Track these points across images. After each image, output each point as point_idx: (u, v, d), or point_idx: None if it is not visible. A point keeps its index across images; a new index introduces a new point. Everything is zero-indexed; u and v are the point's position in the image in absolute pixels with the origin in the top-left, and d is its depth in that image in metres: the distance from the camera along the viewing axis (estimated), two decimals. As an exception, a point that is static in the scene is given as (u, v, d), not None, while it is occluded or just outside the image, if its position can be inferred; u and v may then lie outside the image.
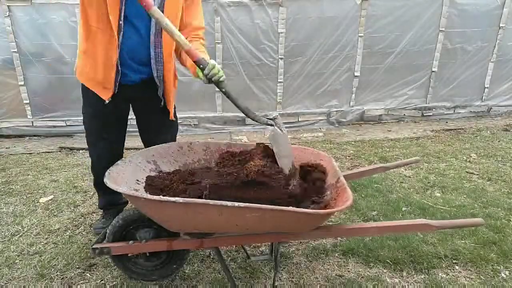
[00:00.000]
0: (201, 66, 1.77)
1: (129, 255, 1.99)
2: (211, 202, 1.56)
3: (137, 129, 2.44)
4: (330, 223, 2.67)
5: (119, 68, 2.02)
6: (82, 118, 2.32)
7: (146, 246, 1.91)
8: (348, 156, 4.19)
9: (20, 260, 2.30)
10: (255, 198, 1.70)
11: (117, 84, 2.06)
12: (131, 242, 1.92)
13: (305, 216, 1.57)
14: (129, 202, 2.61)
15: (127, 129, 2.42)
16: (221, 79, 1.80)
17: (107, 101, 2.09)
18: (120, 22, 1.91)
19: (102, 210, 2.65)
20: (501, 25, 5.37)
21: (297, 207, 1.67)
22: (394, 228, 1.84)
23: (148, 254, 2.02)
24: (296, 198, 1.76)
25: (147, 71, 2.11)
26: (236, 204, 1.52)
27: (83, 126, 2.35)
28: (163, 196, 1.72)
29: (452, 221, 1.85)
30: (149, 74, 2.12)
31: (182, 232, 1.85)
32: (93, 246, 1.91)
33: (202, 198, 1.71)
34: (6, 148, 4.61)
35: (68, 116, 5.04)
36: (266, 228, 1.71)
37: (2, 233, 2.62)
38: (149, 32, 2.00)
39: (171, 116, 2.30)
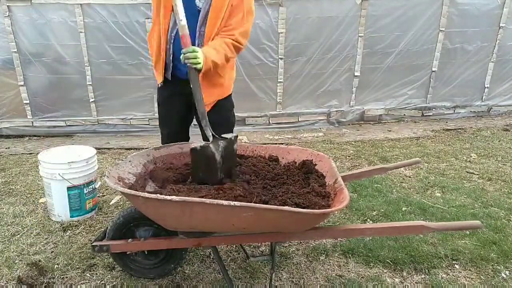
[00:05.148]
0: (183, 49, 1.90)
1: (127, 252, 2.01)
2: (207, 201, 1.56)
3: (139, 129, 2.45)
4: (329, 223, 2.69)
5: (171, 58, 2.18)
6: (83, 118, 2.34)
7: (144, 244, 1.92)
8: (348, 156, 4.19)
9: (20, 260, 2.30)
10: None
11: (169, 72, 2.22)
12: (130, 240, 1.93)
13: (301, 216, 1.56)
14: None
15: (128, 129, 2.43)
16: (193, 66, 1.90)
17: (159, 85, 2.28)
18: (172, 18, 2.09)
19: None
20: (501, 25, 5.36)
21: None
22: (390, 229, 1.83)
23: (146, 253, 2.04)
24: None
25: None
26: (232, 203, 1.53)
27: (82, 127, 2.37)
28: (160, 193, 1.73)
29: (450, 223, 1.85)
30: None
31: (179, 231, 1.85)
32: (93, 244, 1.93)
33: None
34: (6, 148, 4.60)
35: (68, 116, 5.02)
36: (262, 227, 1.72)
37: (2, 233, 2.62)
38: (195, 27, 2.10)
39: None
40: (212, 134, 1.96)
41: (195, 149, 1.90)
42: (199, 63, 1.90)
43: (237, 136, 2.06)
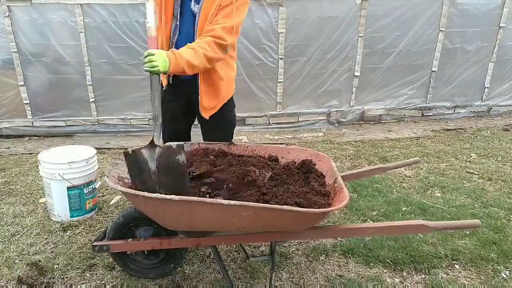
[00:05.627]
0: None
1: (127, 252, 2.01)
2: (207, 200, 1.56)
3: (139, 129, 2.44)
4: (329, 223, 2.69)
5: None
6: (83, 118, 2.33)
7: (144, 244, 1.93)
8: (348, 156, 4.19)
9: (20, 260, 2.30)
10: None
11: (171, 75, 2.21)
12: (129, 240, 1.93)
13: (300, 215, 1.56)
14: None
15: (128, 129, 2.43)
16: (145, 69, 1.82)
17: (164, 88, 2.25)
18: (177, 22, 2.13)
19: None
20: (501, 25, 5.36)
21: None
22: (390, 229, 1.84)
23: (146, 253, 2.04)
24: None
25: None
26: (232, 202, 1.53)
27: (82, 127, 2.37)
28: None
29: (449, 222, 1.85)
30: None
31: (179, 231, 1.85)
32: (93, 243, 1.93)
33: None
34: (6, 148, 4.60)
35: (68, 116, 5.02)
36: (262, 227, 1.72)
37: (2, 233, 2.62)
38: (194, 30, 2.11)
39: (205, 115, 2.28)
40: (152, 141, 1.82)
41: (127, 153, 1.81)
42: (156, 67, 1.80)
43: (182, 147, 1.85)
